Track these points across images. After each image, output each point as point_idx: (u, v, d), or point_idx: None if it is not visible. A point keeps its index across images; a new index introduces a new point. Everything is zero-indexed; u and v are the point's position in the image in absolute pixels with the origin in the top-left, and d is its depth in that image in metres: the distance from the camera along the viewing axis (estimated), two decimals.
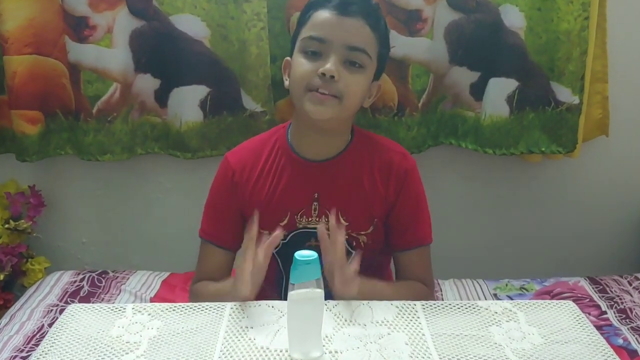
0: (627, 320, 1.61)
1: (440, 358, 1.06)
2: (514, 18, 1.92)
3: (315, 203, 1.39)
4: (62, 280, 1.78)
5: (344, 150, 1.40)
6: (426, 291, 1.43)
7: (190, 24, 1.96)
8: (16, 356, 1.41)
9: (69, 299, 1.68)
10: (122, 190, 2.23)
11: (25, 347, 1.45)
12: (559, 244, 2.24)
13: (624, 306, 1.67)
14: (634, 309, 1.65)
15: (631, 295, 1.74)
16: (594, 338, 1.12)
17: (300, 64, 1.31)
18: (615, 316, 1.63)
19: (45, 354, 1.08)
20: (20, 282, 2.16)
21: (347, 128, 1.42)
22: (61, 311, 1.58)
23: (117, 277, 1.82)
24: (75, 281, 1.77)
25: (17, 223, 2.09)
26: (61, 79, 2.03)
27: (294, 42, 1.37)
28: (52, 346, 1.09)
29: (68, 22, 1.95)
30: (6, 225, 2.09)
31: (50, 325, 1.54)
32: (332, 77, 1.26)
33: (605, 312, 1.65)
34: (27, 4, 1.95)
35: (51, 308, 1.63)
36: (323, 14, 1.30)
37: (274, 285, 1.46)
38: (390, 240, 1.46)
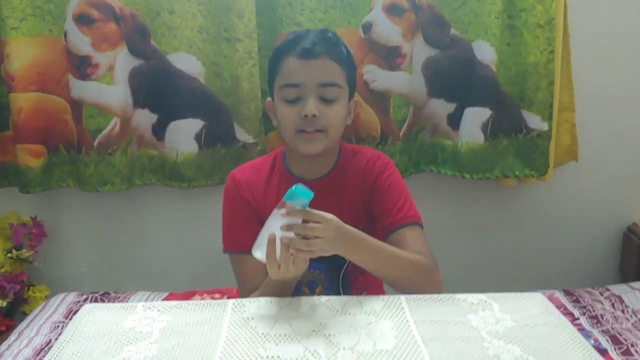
0: (598, 324, 1.71)
1: (422, 338, 1.16)
2: (485, 52, 2.07)
3: None
4: (66, 300, 1.85)
5: (332, 169, 1.54)
6: (427, 263, 1.41)
7: (186, 62, 2.09)
8: None
9: (73, 317, 1.75)
10: (120, 221, 2.32)
11: (34, 359, 1.53)
12: (534, 261, 2.36)
13: (596, 313, 1.78)
14: (605, 315, 1.76)
15: (602, 304, 1.85)
16: (561, 321, 1.24)
17: (285, 112, 1.44)
18: (587, 321, 1.74)
19: (67, 342, 1.18)
20: (21, 309, 2.23)
21: (335, 150, 1.56)
22: None
23: (119, 297, 1.90)
24: (79, 301, 1.85)
25: (19, 252, 2.18)
26: (63, 114, 2.15)
27: (270, 84, 1.50)
28: (73, 336, 1.19)
29: (72, 61, 2.08)
30: (9, 255, 2.18)
31: (57, 339, 1.62)
32: (314, 115, 1.40)
33: (578, 318, 1.76)
34: (33, 45, 2.08)
35: (57, 324, 1.70)
36: (291, 62, 1.42)
37: None
38: (379, 227, 1.51)
